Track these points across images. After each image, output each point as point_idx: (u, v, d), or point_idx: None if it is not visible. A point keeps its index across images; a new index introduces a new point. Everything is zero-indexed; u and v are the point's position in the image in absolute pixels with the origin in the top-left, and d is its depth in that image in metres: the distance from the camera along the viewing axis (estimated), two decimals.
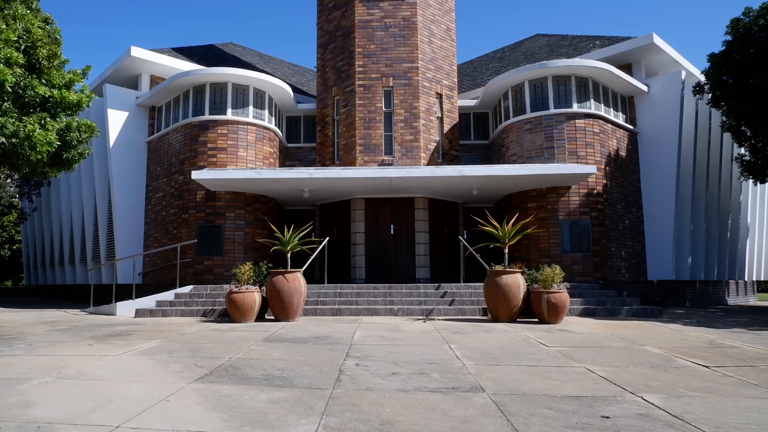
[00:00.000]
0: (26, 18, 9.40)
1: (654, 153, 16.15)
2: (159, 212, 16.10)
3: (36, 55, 9.47)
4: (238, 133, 15.20)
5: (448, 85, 16.76)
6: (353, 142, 15.74)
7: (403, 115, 15.74)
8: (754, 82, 13.43)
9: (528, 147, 15.05)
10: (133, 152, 16.82)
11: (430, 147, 15.92)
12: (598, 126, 14.95)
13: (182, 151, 15.40)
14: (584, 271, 14.18)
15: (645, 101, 16.40)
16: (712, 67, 14.30)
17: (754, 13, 13.59)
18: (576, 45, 19.52)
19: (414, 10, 16.09)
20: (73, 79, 10.04)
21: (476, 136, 17.56)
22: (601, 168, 14.77)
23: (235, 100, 15.33)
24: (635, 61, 16.72)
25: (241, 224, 14.89)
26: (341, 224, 15.93)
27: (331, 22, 16.93)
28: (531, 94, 15.24)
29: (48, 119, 9.23)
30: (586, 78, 15.10)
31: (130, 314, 11.97)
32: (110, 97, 16.34)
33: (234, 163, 15.04)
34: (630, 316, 11.28)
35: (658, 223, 15.93)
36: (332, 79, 16.65)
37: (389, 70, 15.92)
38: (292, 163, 17.37)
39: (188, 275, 14.48)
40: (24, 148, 8.58)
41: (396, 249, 15.35)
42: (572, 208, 14.43)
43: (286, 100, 16.64)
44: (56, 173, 10.22)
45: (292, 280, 10.25)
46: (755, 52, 13.16)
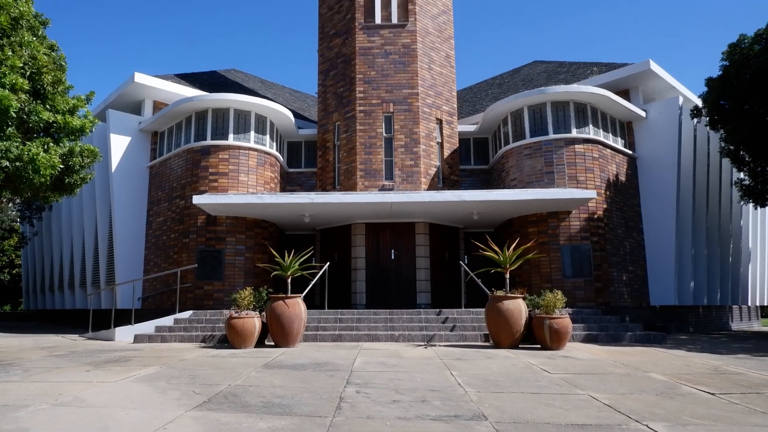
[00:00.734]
0: (32, 45, 9.54)
1: (653, 178, 16.21)
2: (159, 237, 16.10)
3: (41, 81, 9.59)
4: (239, 158, 15.28)
5: (448, 110, 16.91)
6: (354, 167, 15.81)
7: (403, 140, 15.85)
8: (751, 106, 13.56)
9: (528, 172, 15.11)
10: (134, 177, 16.89)
11: (431, 172, 15.99)
12: (597, 151, 15.03)
13: (184, 175, 15.47)
14: (586, 296, 14.10)
15: (643, 126, 16.52)
16: (709, 91, 14.45)
17: (749, 39, 13.80)
18: (574, 71, 19.75)
19: (414, 38, 16.33)
20: (77, 105, 10.14)
21: (476, 161, 17.65)
22: (601, 193, 14.80)
23: (236, 125, 15.46)
24: (633, 87, 16.90)
25: (242, 249, 14.87)
26: (342, 249, 15.90)
27: (332, 49, 17.16)
28: (530, 120, 15.36)
29: (51, 144, 9.29)
30: (585, 104, 15.24)
31: (128, 340, 11.86)
32: (113, 122, 16.48)
33: (235, 188, 15.09)
34: (633, 342, 11.17)
35: (659, 247, 15.90)
36: (333, 105, 16.81)
37: (389, 96, 16.08)
38: (293, 188, 17.43)
39: (188, 300, 14.40)
40: (27, 172, 8.62)
41: (397, 274, 15.29)
42: (573, 233, 14.42)
43: (288, 126, 16.77)
44: (58, 198, 10.25)
45: (293, 305, 10.19)
46: (752, 77, 13.31)
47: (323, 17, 17.71)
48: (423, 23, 16.60)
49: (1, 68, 8.68)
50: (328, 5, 17.58)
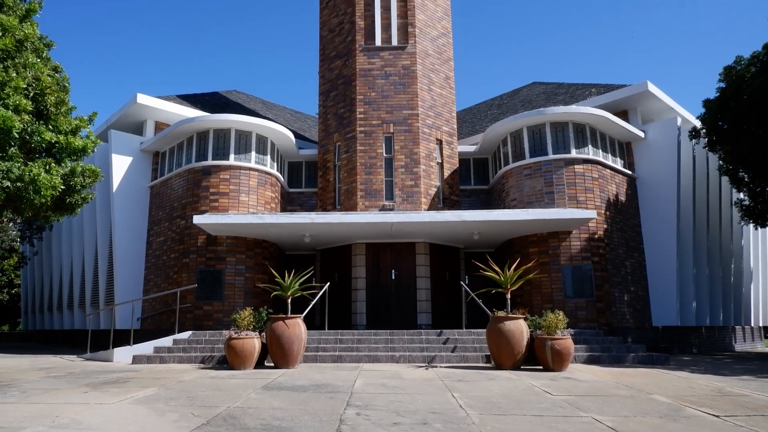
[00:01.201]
0: (36, 66, 9.65)
1: (653, 198, 16.23)
2: (159, 257, 16.07)
3: (44, 102, 9.67)
4: (240, 178, 15.33)
5: (448, 131, 17.01)
6: (354, 188, 15.85)
7: (403, 160, 15.92)
8: (748, 127, 13.65)
9: (528, 192, 15.15)
10: (135, 197, 16.92)
11: (431, 192, 16.03)
12: (596, 171, 15.08)
13: (184, 195, 15.50)
14: (588, 316, 14.02)
15: (642, 147, 16.61)
16: (707, 112, 14.57)
17: (746, 61, 13.95)
18: (572, 93, 19.92)
19: (413, 59, 16.50)
20: (79, 125, 10.21)
21: (476, 182, 17.70)
22: (601, 213, 14.81)
23: (237, 145, 15.54)
24: (631, 108, 17.02)
25: (242, 269, 14.83)
26: (342, 269, 15.86)
27: (333, 71, 17.34)
28: (530, 140, 15.44)
29: (53, 164, 9.34)
30: (584, 124, 15.34)
31: (127, 360, 11.77)
32: (115, 142, 16.58)
33: (236, 208, 15.11)
34: (636, 363, 11.08)
35: (661, 268, 15.85)
36: (333, 126, 16.92)
37: (390, 117, 16.19)
38: (293, 208, 17.45)
39: (187, 321, 14.32)
40: (28, 192, 8.64)
41: (397, 294, 15.23)
42: (573, 253, 14.39)
43: (288, 146, 16.86)
44: (59, 217, 10.26)
45: (293, 326, 10.13)
46: (749, 98, 13.42)
47: (324, 39, 17.93)
48: (423, 45, 16.80)
49: (5, 89, 8.76)
50: (329, 28, 17.81)
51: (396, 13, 16.83)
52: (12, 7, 10.39)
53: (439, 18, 17.64)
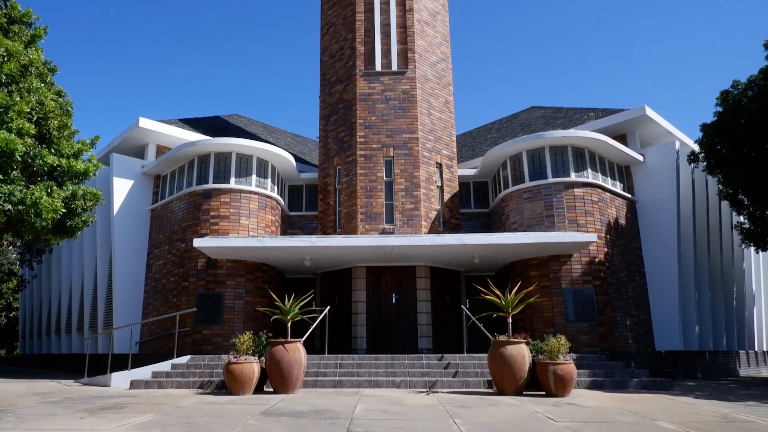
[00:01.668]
0: (40, 91, 9.74)
1: (653, 221, 16.24)
2: (159, 280, 16.00)
3: (47, 126, 9.74)
4: (240, 201, 15.36)
5: (448, 155, 17.10)
6: (354, 211, 15.87)
7: (403, 184, 15.96)
8: (747, 151, 13.73)
9: (528, 215, 15.15)
10: (136, 220, 16.92)
11: (431, 216, 16.04)
12: (596, 195, 15.12)
13: (185, 218, 15.51)
14: (590, 341, 13.89)
15: (641, 170, 16.67)
16: (705, 136, 14.66)
17: (742, 85, 14.09)
18: (571, 117, 20.08)
19: (413, 84, 16.67)
20: (81, 149, 10.27)
21: (476, 205, 17.72)
22: (601, 236, 14.80)
23: (238, 169, 15.61)
24: (629, 132, 17.14)
25: (242, 293, 14.75)
26: (342, 293, 15.78)
27: (334, 95, 17.50)
28: (529, 164, 15.51)
29: (54, 187, 9.37)
30: (582, 148, 15.42)
31: (125, 385, 11.63)
32: (116, 165, 16.64)
33: (236, 231, 15.10)
34: (639, 388, 10.95)
35: (663, 291, 15.78)
36: (334, 149, 17.02)
37: (390, 141, 16.29)
38: (293, 231, 17.44)
39: (186, 345, 14.19)
40: (29, 215, 8.65)
41: (398, 318, 15.12)
42: (575, 277, 14.33)
43: (289, 170, 16.93)
44: (59, 240, 10.25)
45: (292, 350, 10.04)
46: (746, 122, 13.52)
47: (325, 64, 18.14)
48: (422, 70, 16.99)
49: (9, 113, 8.83)
50: (329, 53, 18.04)
51: (396, 39, 17.06)
52: (18, 33, 10.55)
53: (438, 44, 17.88)
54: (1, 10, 10.56)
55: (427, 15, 17.70)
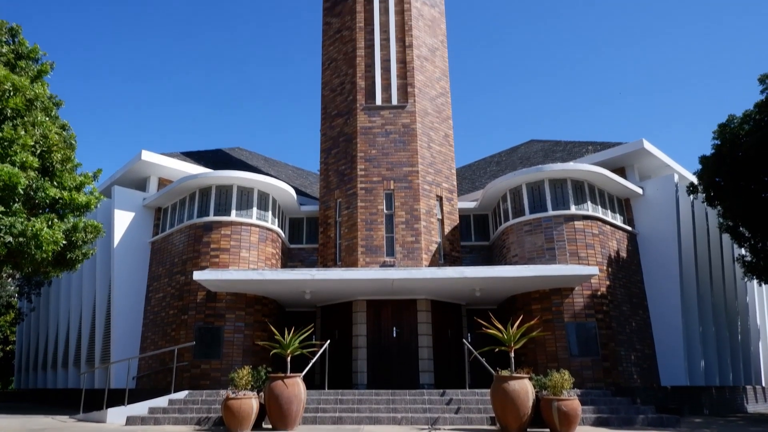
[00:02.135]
0: (45, 125, 9.86)
1: (655, 254, 16.19)
2: (158, 313, 15.87)
3: (51, 159, 9.82)
4: (241, 234, 15.35)
5: (448, 188, 17.17)
6: (355, 244, 15.84)
7: (404, 217, 15.98)
8: (746, 183, 13.79)
9: (529, 248, 15.12)
10: (136, 252, 16.89)
11: (432, 248, 16.00)
12: (597, 227, 15.11)
13: (185, 251, 15.48)
14: (594, 376, 13.68)
15: (641, 203, 16.71)
16: (704, 169, 14.75)
17: (738, 120, 14.25)
18: (570, 150, 20.24)
19: (413, 118, 16.85)
20: (83, 182, 10.34)
21: (477, 238, 17.70)
22: (603, 269, 14.73)
23: (239, 201, 15.65)
24: (628, 165, 17.24)
25: (241, 326, 14.60)
26: (343, 326, 15.61)
27: (334, 129, 17.68)
28: (529, 197, 15.56)
29: (56, 219, 9.38)
30: (582, 181, 15.49)
31: (120, 422, 11.40)
32: (118, 198, 16.70)
33: (236, 264, 15.04)
34: (645, 425, 10.72)
35: (666, 325, 15.62)
36: (334, 182, 17.09)
37: (390, 174, 16.38)
38: (294, 264, 17.38)
39: (184, 380, 13.97)
40: (30, 247, 8.64)
41: (399, 352, 14.93)
42: (577, 310, 14.21)
43: (290, 202, 16.98)
44: (59, 273, 10.22)
45: (292, 385, 9.88)
46: (744, 155, 13.63)
47: (326, 99, 18.39)
48: (422, 104, 17.20)
49: (14, 146, 8.92)
50: (330, 87, 18.31)
51: (396, 74, 17.33)
52: (25, 68, 10.74)
53: (437, 78, 18.16)
54: (9, 47, 10.77)
55: (427, 51, 18.02)
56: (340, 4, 18.59)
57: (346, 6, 18.30)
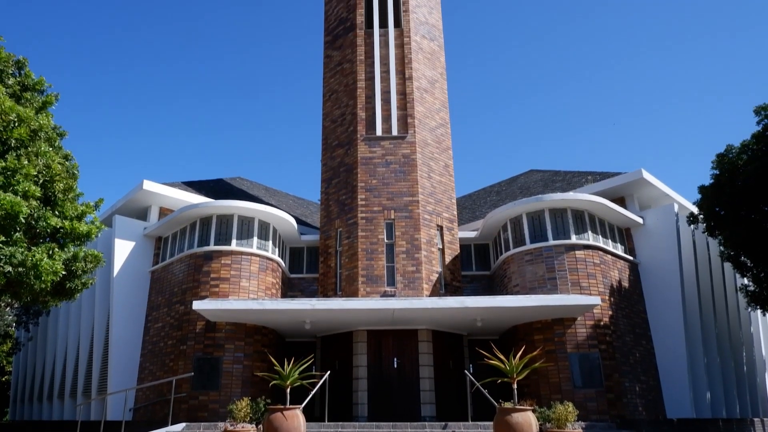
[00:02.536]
0: (48, 155, 9.94)
1: (657, 284, 16.11)
2: (156, 343, 15.72)
3: (53, 189, 9.87)
4: (241, 263, 15.32)
5: (448, 217, 17.20)
6: (355, 273, 15.79)
7: (404, 246, 15.96)
8: (746, 213, 13.81)
9: (530, 278, 15.06)
10: (136, 282, 16.83)
11: (433, 278, 15.94)
12: (598, 257, 15.07)
13: (185, 280, 15.42)
14: (598, 408, 13.46)
15: (642, 233, 16.71)
16: (703, 198, 14.79)
17: (736, 149, 14.34)
18: (569, 180, 20.33)
19: (413, 148, 16.98)
20: (85, 211, 10.37)
21: (478, 267, 17.65)
22: (605, 299, 14.64)
23: (240, 231, 15.67)
24: (628, 195, 17.30)
25: (240, 357, 14.45)
26: (343, 357, 15.44)
27: (335, 159, 17.81)
28: (529, 226, 15.57)
29: (56, 249, 9.38)
30: (582, 211, 15.52)
31: None
32: (119, 227, 16.72)
33: (236, 294, 14.97)
34: None
35: (671, 356, 15.44)
36: (335, 212, 17.13)
37: (390, 204, 16.42)
38: (294, 293, 17.29)
39: (182, 411, 13.75)
40: (29, 277, 8.62)
41: (400, 383, 14.72)
42: (580, 341, 14.06)
43: (290, 232, 16.99)
44: (57, 302, 10.16)
45: (291, 417, 9.73)
46: (743, 184, 13.68)
47: (327, 129, 18.58)
48: (422, 135, 17.36)
49: (16, 176, 8.98)
50: (331, 119, 18.52)
51: (396, 105, 17.54)
52: (30, 100, 10.90)
53: (437, 110, 18.37)
54: (16, 79, 10.96)
55: (426, 83, 18.29)
56: (340, 38, 18.96)
57: (346, 40, 18.65)
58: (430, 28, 19.29)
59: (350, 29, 18.59)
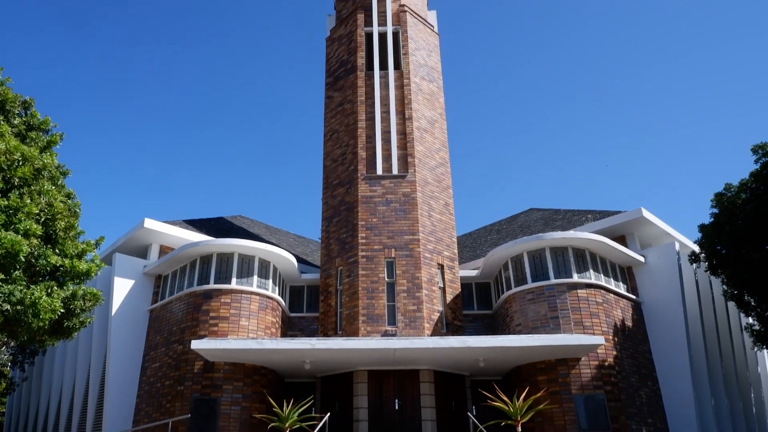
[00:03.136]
0: (51, 193, 10.01)
1: (661, 323, 15.94)
2: (153, 384, 15.44)
3: (54, 227, 9.89)
4: (241, 302, 15.20)
5: (449, 256, 17.16)
6: (356, 312, 15.64)
7: (405, 285, 15.86)
8: (747, 251, 13.77)
9: (532, 317, 14.91)
10: (134, 321, 16.65)
11: (434, 317, 15.79)
12: (600, 296, 14.96)
13: (184, 319, 15.27)
14: None
15: (644, 271, 16.63)
16: (704, 237, 14.77)
17: (734, 188, 14.41)
18: (569, 218, 20.37)
19: (413, 187, 17.08)
20: (85, 250, 10.36)
21: (479, 306, 17.50)
22: (609, 339, 14.45)
23: (240, 269, 15.61)
24: (629, 234, 17.30)
25: (239, 398, 14.16)
26: (343, 398, 15.13)
27: (336, 198, 17.89)
28: (530, 265, 15.51)
29: (55, 287, 9.33)
30: (583, 249, 15.50)
31: None
32: (119, 265, 16.66)
33: (235, 333, 14.80)
34: None
35: (677, 397, 15.13)
36: (336, 250, 17.10)
37: (391, 242, 16.40)
38: (294, 333, 17.09)
39: None
40: (27, 316, 8.54)
41: (401, 425, 14.37)
42: (584, 382, 13.81)
43: (290, 270, 16.92)
44: (54, 341, 10.04)
45: None
46: (743, 223, 13.69)
47: (327, 168, 18.73)
48: (422, 174, 17.48)
49: (18, 214, 9.01)
50: (332, 158, 18.70)
51: (396, 144, 17.73)
52: (35, 139, 11.04)
53: (437, 149, 18.57)
54: (22, 118, 11.13)
55: (426, 123, 18.54)
56: (341, 79, 19.33)
57: (347, 81, 19.01)
58: (429, 69, 19.69)
59: (351, 71, 18.98)
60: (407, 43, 18.96)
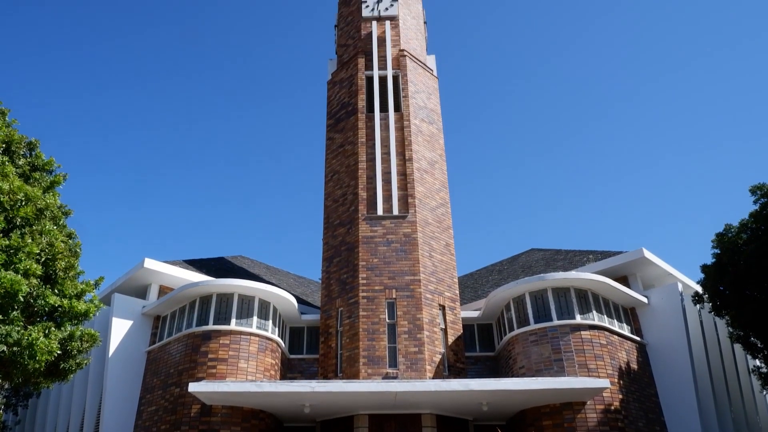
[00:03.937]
0: (52, 233, 10.02)
1: (667, 365, 15.67)
2: (149, 428, 15.07)
3: (54, 267, 9.87)
4: (240, 343, 15.00)
5: (451, 296, 17.03)
6: (357, 354, 15.41)
7: (406, 326, 15.68)
8: (750, 292, 13.67)
9: (536, 359, 14.68)
10: (131, 362, 16.38)
11: (435, 359, 15.54)
12: (604, 338, 14.77)
13: (182, 361, 15.03)
14: None
15: (647, 312, 16.47)
16: (707, 278, 14.68)
17: (735, 229, 14.41)
18: (570, 259, 20.31)
19: (414, 228, 17.10)
20: (85, 290, 10.31)
21: (482, 348, 17.24)
22: (614, 381, 14.18)
23: (240, 310, 15.47)
24: (630, 274, 17.21)
25: None
26: None
27: (336, 238, 17.89)
28: (533, 306, 15.37)
29: (53, 328, 9.23)
30: (585, 290, 15.39)
31: None
32: (117, 306, 16.52)
33: (234, 375, 14.54)
34: None
35: None
36: (336, 291, 16.98)
37: (392, 283, 16.31)
38: (293, 375, 16.79)
39: None
40: (23, 357, 8.42)
41: None
42: (591, 426, 13.47)
43: (291, 311, 16.77)
44: (50, 384, 9.86)
45: None
46: (746, 264, 13.63)
47: (328, 209, 18.81)
48: (423, 215, 17.53)
49: (19, 254, 9.00)
50: (332, 198, 18.80)
51: (396, 185, 17.85)
52: (38, 179, 11.13)
53: (437, 190, 18.69)
54: (26, 159, 11.25)
55: (426, 164, 18.72)
56: (342, 121, 19.64)
57: (348, 123, 19.30)
58: (429, 112, 20.02)
59: (352, 113, 19.29)
60: (407, 86, 19.34)
